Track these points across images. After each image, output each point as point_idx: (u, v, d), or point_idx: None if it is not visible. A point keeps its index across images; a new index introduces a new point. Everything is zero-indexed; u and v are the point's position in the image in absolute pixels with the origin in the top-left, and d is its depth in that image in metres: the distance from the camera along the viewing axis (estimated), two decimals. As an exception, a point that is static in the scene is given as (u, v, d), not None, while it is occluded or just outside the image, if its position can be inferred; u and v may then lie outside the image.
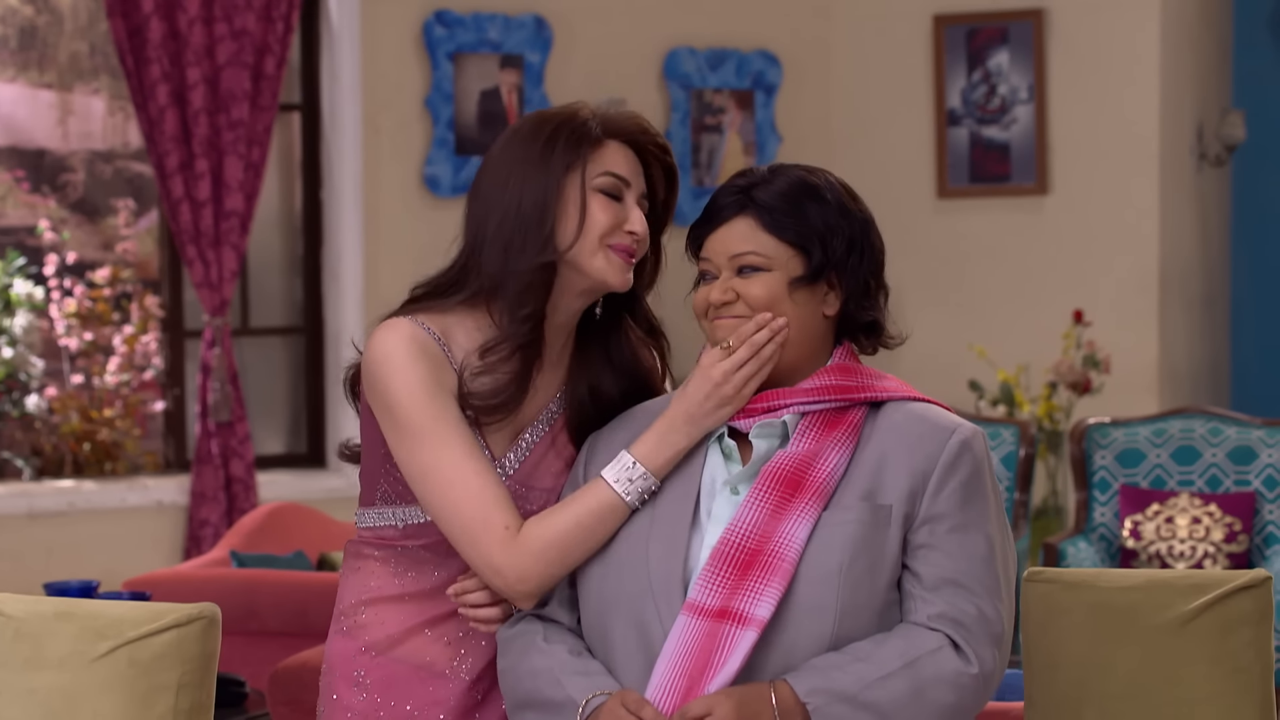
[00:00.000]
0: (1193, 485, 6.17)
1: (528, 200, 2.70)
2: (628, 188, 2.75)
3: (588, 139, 2.72)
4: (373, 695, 2.79)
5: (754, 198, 2.66)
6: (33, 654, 2.72)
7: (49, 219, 6.97)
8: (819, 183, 2.67)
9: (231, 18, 6.73)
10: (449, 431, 2.66)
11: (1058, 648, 2.88)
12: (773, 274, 2.64)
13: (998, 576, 2.59)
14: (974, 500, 2.60)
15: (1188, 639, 2.80)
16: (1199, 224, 8.06)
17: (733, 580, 2.54)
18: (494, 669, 2.77)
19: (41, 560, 6.46)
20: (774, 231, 2.64)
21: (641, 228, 2.74)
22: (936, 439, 2.60)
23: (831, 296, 2.66)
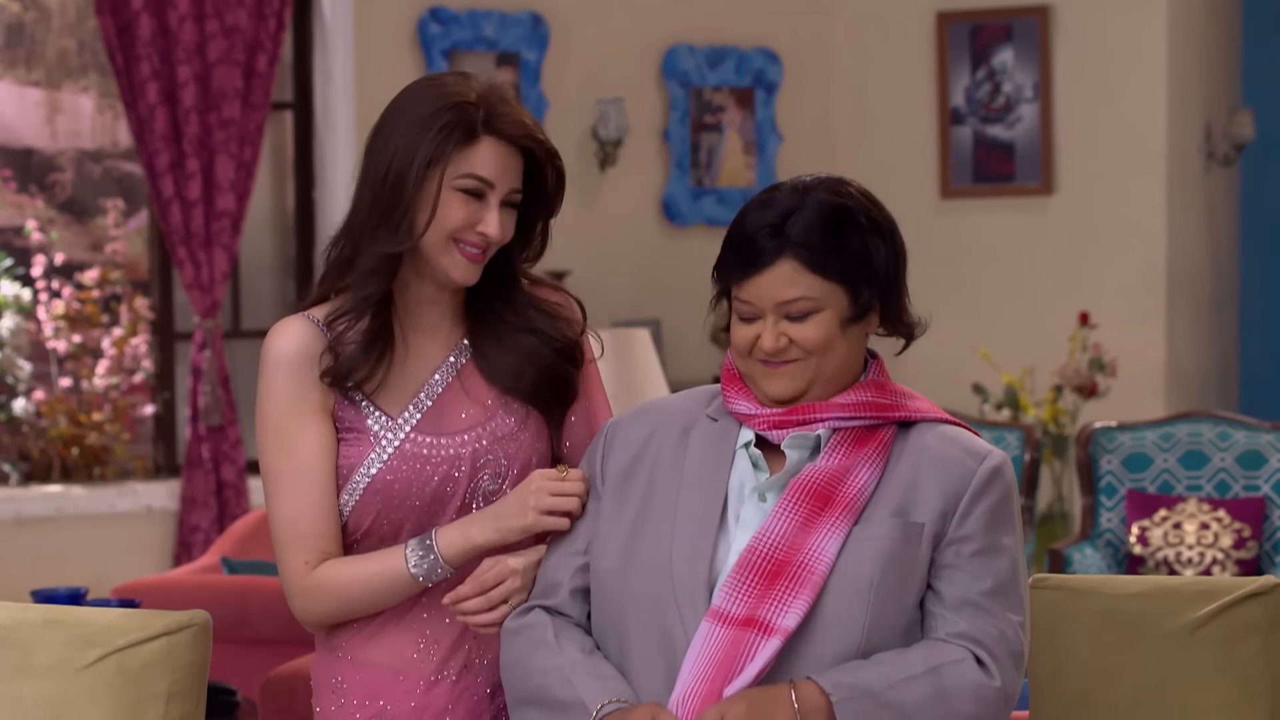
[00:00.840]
0: (1201, 490, 6.17)
1: (390, 178, 2.74)
2: (491, 189, 2.76)
3: (460, 134, 2.74)
4: (349, 699, 2.81)
5: (790, 236, 2.61)
6: (20, 662, 2.72)
7: (37, 219, 6.97)
8: (850, 205, 2.65)
9: (223, 14, 6.73)
10: (292, 450, 2.76)
11: (1063, 656, 2.88)
12: (825, 314, 2.63)
13: (1020, 599, 2.62)
14: (1001, 525, 2.63)
15: (1195, 647, 2.81)
16: (1207, 224, 8.07)
17: (760, 589, 2.55)
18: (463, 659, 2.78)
19: (29, 567, 6.46)
20: (819, 272, 2.61)
21: (495, 232, 2.76)
22: (969, 462, 2.63)
23: (874, 316, 2.68)
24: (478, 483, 2.78)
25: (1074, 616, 2.87)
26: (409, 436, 2.77)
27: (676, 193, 7.82)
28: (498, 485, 2.79)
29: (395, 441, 2.77)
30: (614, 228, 7.70)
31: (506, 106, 2.77)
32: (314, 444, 2.76)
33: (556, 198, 2.85)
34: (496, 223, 2.75)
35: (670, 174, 7.82)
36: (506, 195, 2.77)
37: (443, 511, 2.77)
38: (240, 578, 5.59)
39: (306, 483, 2.75)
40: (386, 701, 2.79)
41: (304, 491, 2.75)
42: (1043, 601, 2.91)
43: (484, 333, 2.84)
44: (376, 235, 2.75)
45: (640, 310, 7.62)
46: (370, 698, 2.80)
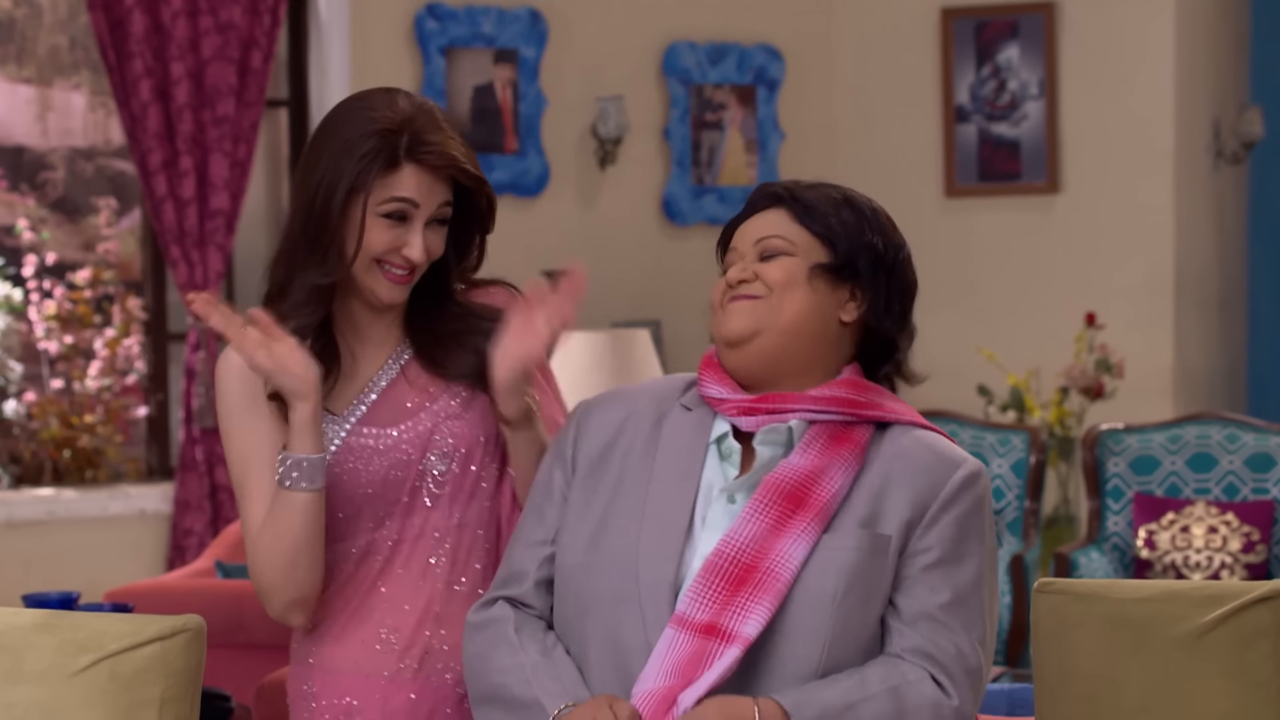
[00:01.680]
0: (1209, 493, 6.18)
1: (317, 210, 2.80)
2: (416, 209, 2.81)
3: (382, 162, 2.78)
4: (320, 702, 2.87)
5: (791, 192, 2.70)
6: (11, 667, 2.72)
7: (28, 218, 6.97)
8: (860, 200, 2.73)
9: (217, 11, 6.73)
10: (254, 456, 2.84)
11: (1069, 661, 2.88)
12: (795, 259, 2.67)
13: (980, 613, 2.62)
14: (968, 537, 2.63)
15: (1204, 652, 2.81)
16: (1215, 223, 8.07)
17: (724, 595, 2.55)
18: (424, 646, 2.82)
19: (20, 571, 6.47)
20: (803, 222, 2.68)
21: (419, 256, 2.81)
22: (941, 470, 2.64)
23: (851, 305, 2.68)
24: (426, 464, 2.84)
25: (1080, 621, 2.87)
26: (354, 429, 2.85)
27: (677, 191, 7.82)
28: (446, 465, 2.85)
29: (340, 435, 2.84)
30: (614, 227, 7.70)
31: (432, 135, 2.81)
32: (268, 443, 2.83)
33: (489, 218, 2.91)
34: (420, 246, 2.81)
35: (671, 172, 7.82)
36: (434, 213, 2.82)
37: (396, 498, 2.84)
38: (234, 582, 5.60)
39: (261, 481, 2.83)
40: (353, 698, 2.84)
41: (256, 489, 2.83)
42: (1048, 606, 2.91)
43: (423, 335, 2.89)
44: (306, 265, 2.81)
45: (640, 311, 7.62)
46: (338, 696, 2.85)
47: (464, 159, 2.83)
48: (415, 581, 2.85)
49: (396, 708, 2.83)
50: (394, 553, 2.85)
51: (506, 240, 8.18)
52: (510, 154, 7.45)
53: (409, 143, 2.79)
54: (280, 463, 2.77)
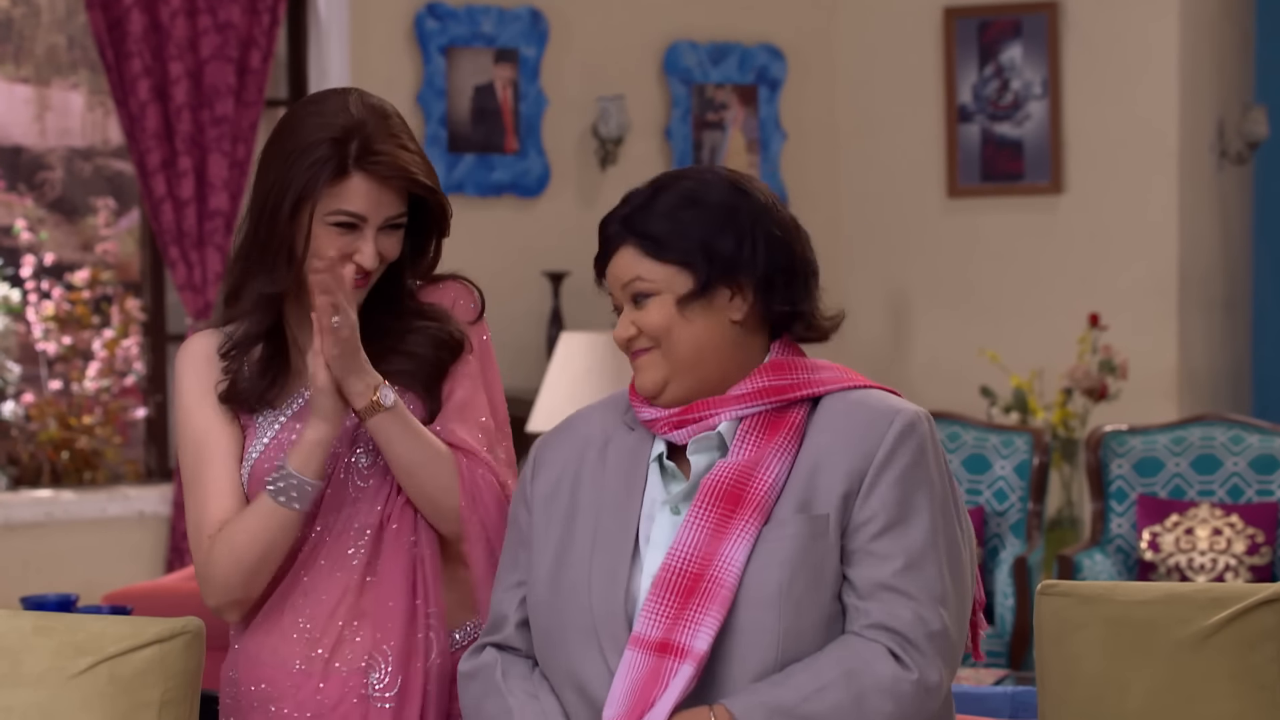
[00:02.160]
0: (1213, 495, 6.17)
1: (266, 216, 2.82)
2: (364, 221, 2.81)
3: (330, 170, 2.78)
4: (239, 686, 2.94)
5: (632, 225, 2.66)
6: (9, 670, 2.73)
7: (26, 219, 6.97)
8: (696, 188, 2.66)
9: (215, 10, 6.73)
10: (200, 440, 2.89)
11: (1073, 663, 2.88)
12: (662, 297, 2.65)
13: (938, 570, 2.56)
14: (913, 493, 2.58)
15: (1208, 655, 2.81)
16: (1220, 224, 8.07)
17: (675, 609, 2.55)
18: (336, 634, 2.85)
19: (18, 573, 6.47)
20: (654, 255, 2.64)
21: (371, 263, 2.81)
22: (874, 431, 2.59)
23: (738, 300, 2.64)
24: (354, 458, 2.87)
25: (1084, 624, 2.87)
26: (286, 425, 2.88)
27: (678, 192, 7.81)
28: (373, 459, 2.88)
29: (271, 432, 2.88)
30: (615, 227, 7.69)
31: (382, 143, 2.80)
32: (219, 431, 2.89)
33: (444, 223, 2.91)
34: (371, 253, 2.81)
35: (672, 172, 7.81)
36: (385, 221, 2.83)
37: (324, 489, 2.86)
38: (233, 584, 5.59)
39: (214, 467, 2.88)
40: (267, 685, 2.89)
41: (212, 475, 2.87)
42: (1052, 608, 2.91)
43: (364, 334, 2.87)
44: (258, 271, 2.84)
45: (641, 311, 7.62)
46: (254, 683, 2.91)
47: (415, 168, 2.82)
48: (333, 573, 2.88)
49: (305, 697, 2.86)
50: (318, 544, 2.88)
51: (507, 240, 8.22)
52: (511, 154, 7.45)
53: (358, 150, 2.78)
54: (279, 476, 2.79)
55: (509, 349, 7.36)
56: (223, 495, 2.86)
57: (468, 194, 7.33)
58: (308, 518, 2.86)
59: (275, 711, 2.88)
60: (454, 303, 2.95)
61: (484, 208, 7.38)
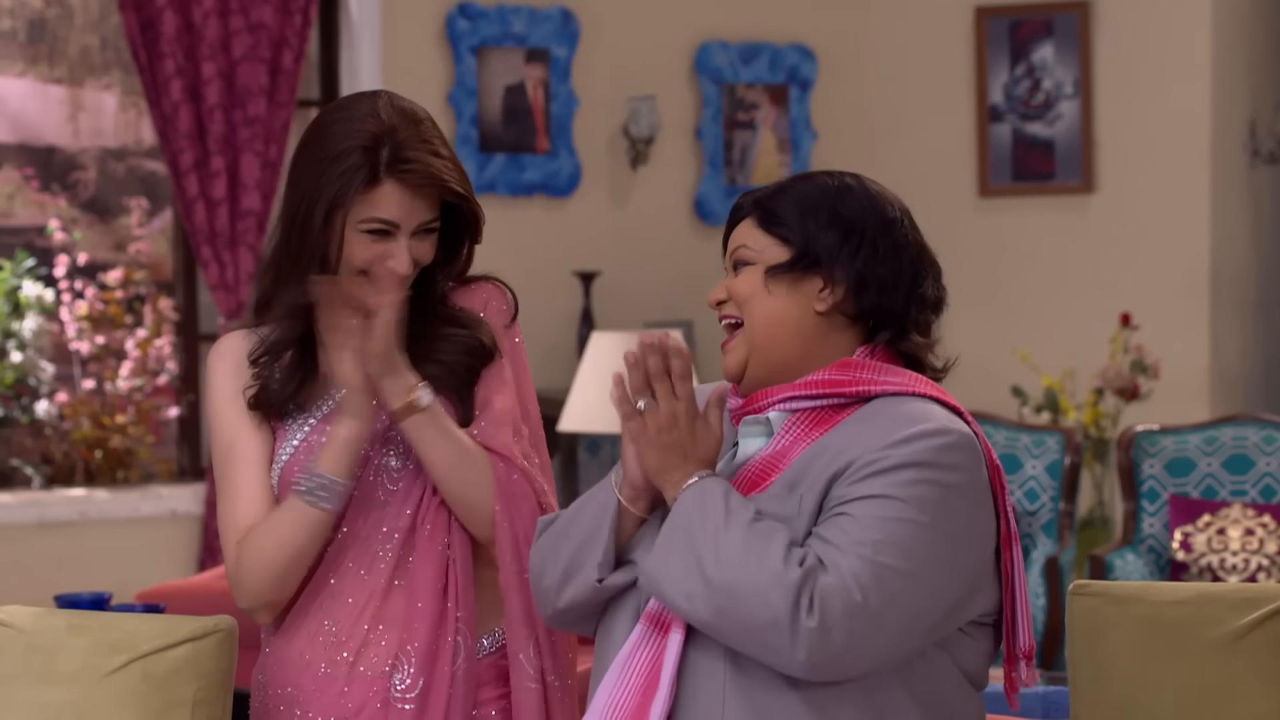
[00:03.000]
0: (1246, 495, 6.16)
1: (299, 224, 2.80)
2: (397, 229, 2.80)
3: (362, 178, 2.77)
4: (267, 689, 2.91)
5: (760, 200, 2.69)
6: (44, 668, 2.73)
7: (59, 219, 7.00)
8: (832, 186, 2.67)
9: (248, 10, 6.75)
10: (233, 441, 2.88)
11: (1105, 663, 2.87)
12: (755, 267, 2.65)
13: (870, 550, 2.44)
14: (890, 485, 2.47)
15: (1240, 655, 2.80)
16: (1252, 223, 8.04)
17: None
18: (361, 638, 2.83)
19: (52, 571, 6.49)
20: (764, 226, 2.66)
21: (404, 268, 2.80)
22: (888, 431, 2.52)
23: (827, 292, 2.62)
24: (383, 460, 2.86)
25: (1116, 624, 2.87)
26: (315, 428, 2.86)
27: (709, 191, 7.82)
28: (403, 463, 2.87)
29: (300, 434, 2.87)
30: (645, 227, 7.70)
31: (414, 149, 2.79)
32: (250, 433, 2.88)
33: (477, 228, 2.90)
34: (405, 260, 2.81)
35: (703, 172, 7.82)
36: (419, 227, 2.82)
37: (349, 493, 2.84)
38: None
39: (245, 469, 2.86)
40: (293, 688, 2.87)
41: (243, 477, 2.86)
42: (1083, 608, 2.91)
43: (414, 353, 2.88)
44: (290, 280, 2.82)
45: (673, 311, 7.62)
46: (281, 686, 2.89)
47: (447, 175, 2.81)
48: (360, 575, 2.86)
49: (330, 701, 2.84)
50: (345, 546, 2.87)
51: (538, 240, 8.22)
52: (541, 154, 7.46)
53: (389, 158, 2.77)
54: (308, 477, 2.79)
55: (540, 349, 7.36)
56: (252, 499, 2.85)
57: (499, 194, 7.34)
58: (335, 519, 2.85)
59: (301, 715, 2.87)
60: (486, 305, 2.94)
61: (515, 208, 7.38)
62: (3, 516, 6.56)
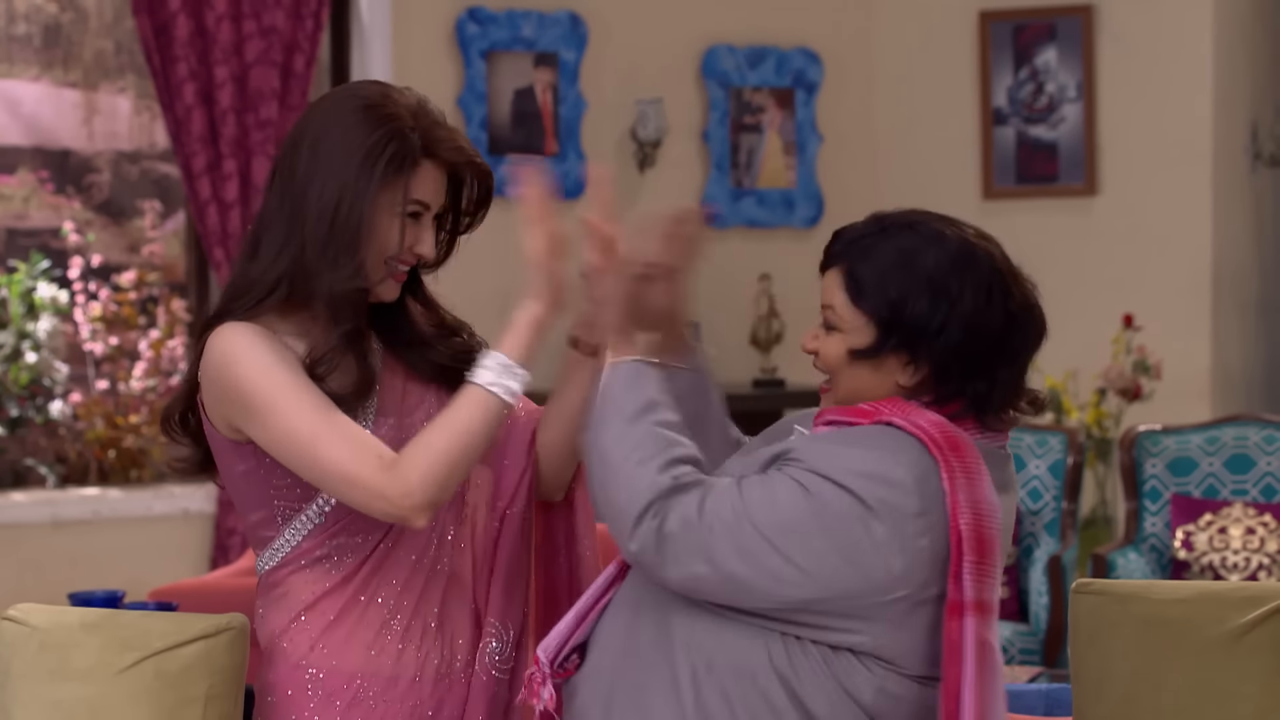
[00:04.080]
0: (1247, 495, 6.15)
1: (345, 213, 2.72)
2: (428, 210, 2.80)
3: (408, 163, 2.74)
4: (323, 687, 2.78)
5: (850, 254, 2.66)
6: (58, 666, 2.74)
7: (74, 221, 7.00)
8: (918, 246, 2.63)
9: (260, 15, 6.75)
10: (299, 394, 2.68)
11: (1107, 661, 2.87)
12: (842, 335, 2.66)
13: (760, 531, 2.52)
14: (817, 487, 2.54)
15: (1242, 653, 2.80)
16: (1253, 225, 8.04)
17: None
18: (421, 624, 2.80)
19: (66, 570, 6.49)
20: (851, 294, 2.64)
21: (429, 252, 2.80)
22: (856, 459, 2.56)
23: (910, 369, 2.62)
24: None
25: (1118, 622, 2.87)
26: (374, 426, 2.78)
27: (716, 194, 7.82)
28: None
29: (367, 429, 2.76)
30: (653, 229, 7.70)
31: (441, 129, 2.79)
32: (311, 384, 2.70)
33: (480, 213, 2.90)
34: (431, 243, 2.81)
35: (710, 175, 7.82)
36: (435, 214, 2.82)
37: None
38: (277, 581, 5.60)
39: (331, 407, 2.69)
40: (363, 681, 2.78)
41: (334, 412, 2.69)
42: (1086, 606, 2.90)
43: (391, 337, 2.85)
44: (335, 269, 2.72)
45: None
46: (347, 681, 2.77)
47: (473, 149, 2.83)
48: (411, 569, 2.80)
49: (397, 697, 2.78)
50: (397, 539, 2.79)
51: (547, 242, 8.13)
52: (550, 156, 7.46)
53: (423, 139, 2.76)
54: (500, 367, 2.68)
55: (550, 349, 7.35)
56: (362, 432, 2.68)
57: (507, 196, 7.33)
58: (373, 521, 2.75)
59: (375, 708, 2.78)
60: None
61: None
62: (17, 515, 6.56)
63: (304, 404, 2.67)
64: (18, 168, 7.03)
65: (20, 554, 6.52)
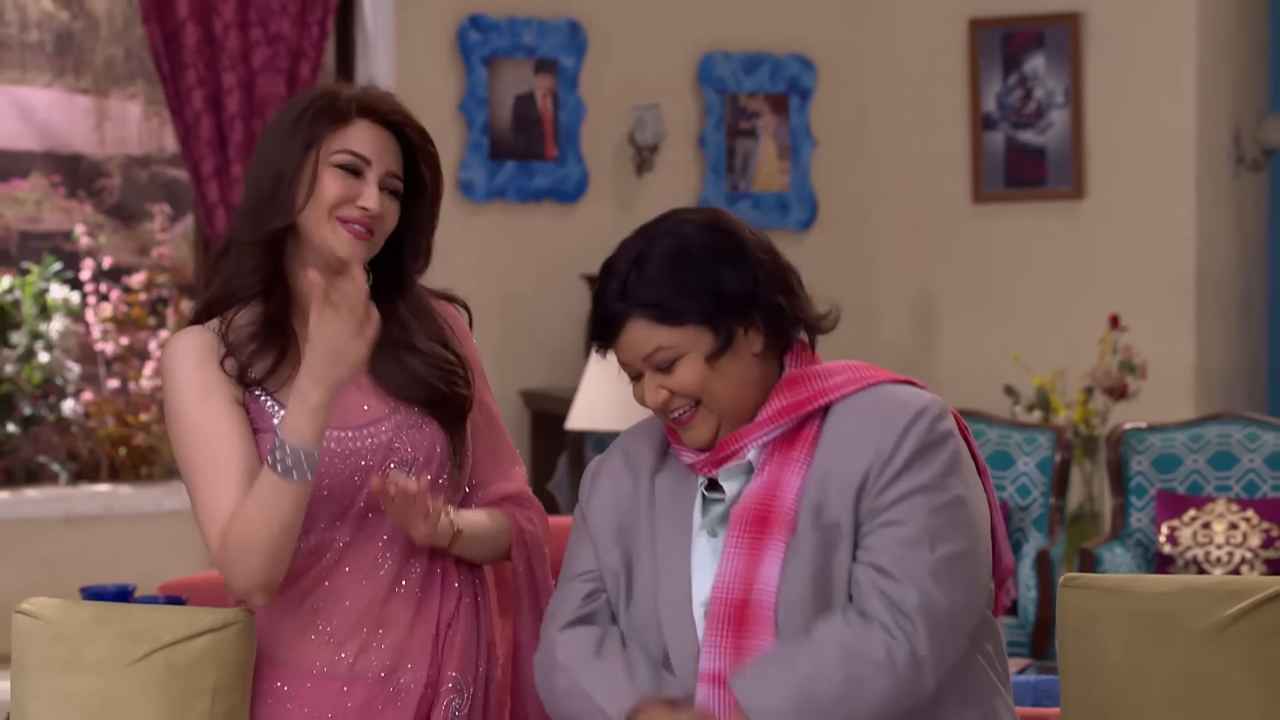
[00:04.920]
0: (1230, 491, 6.15)
1: (267, 172, 2.76)
2: (368, 166, 2.77)
3: (333, 116, 2.76)
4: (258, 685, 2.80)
5: (634, 297, 2.60)
6: (70, 658, 2.74)
7: (85, 224, 7.00)
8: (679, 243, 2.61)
9: (266, 23, 6.75)
10: (209, 441, 2.73)
11: (1094, 654, 2.87)
12: (689, 357, 2.60)
13: (928, 554, 2.52)
14: (918, 470, 2.55)
15: (1225, 645, 2.80)
16: (1236, 228, 8.04)
17: (732, 641, 2.57)
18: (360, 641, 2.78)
19: (78, 564, 6.49)
20: (669, 321, 2.59)
21: (374, 205, 2.76)
22: (881, 431, 2.57)
23: (753, 334, 2.62)
24: (386, 472, 2.76)
25: (1105, 615, 2.87)
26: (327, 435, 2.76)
27: (712, 197, 7.81)
28: (405, 472, 2.78)
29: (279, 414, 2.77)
30: (651, 232, 7.70)
31: (377, 93, 2.80)
32: (226, 424, 2.74)
33: (435, 195, 2.86)
34: (375, 196, 2.76)
35: (706, 179, 7.82)
36: (384, 178, 2.78)
37: (352, 501, 2.77)
38: (284, 575, 5.61)
39: (220, 458, 2.72)
40: (286, 684, 2.79)
41: (217, 467, 2.72)
42: (1073, 601, 2.90)
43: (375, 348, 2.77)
44: (258, 218, 2.75)
45: (676, 313, 7.62)
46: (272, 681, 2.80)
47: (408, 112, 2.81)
48: (359, 580, 2.79)
49: (327, 699, 2.78)
50: (344, 552, 2.79)
51: (547, 244, 8.21)
52: (550, 161, 7.46)
53: (359, 102, 2.78)
54: (280, 450, 2.64)
55: (548, 349, 7.37)
56: (235, 485, 2.71)
57: (509, 200, 7.34)
58: (330, 521, 2.77)
59: (294, 709, 2.79)
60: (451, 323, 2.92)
61: (524, 213, 7.38)
62: (31, 511, 6.56)
63: (207, 446, 2.73)
64: (30, 172, 7.03)
65: (34, 549, 6.52)
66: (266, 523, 2.67)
